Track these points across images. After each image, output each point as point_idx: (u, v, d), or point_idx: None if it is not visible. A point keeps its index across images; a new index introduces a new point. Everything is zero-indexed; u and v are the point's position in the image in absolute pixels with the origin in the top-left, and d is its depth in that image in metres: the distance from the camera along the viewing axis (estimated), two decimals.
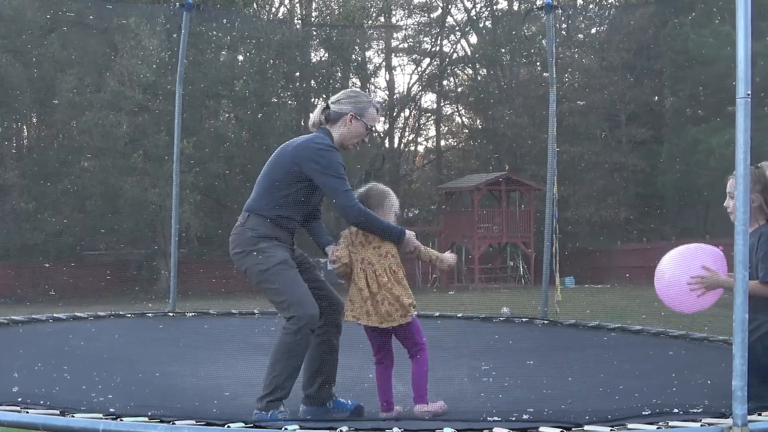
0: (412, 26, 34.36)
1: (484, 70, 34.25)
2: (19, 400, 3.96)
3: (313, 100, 30.05)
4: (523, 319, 8.35)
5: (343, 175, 4.13)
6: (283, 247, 4.24)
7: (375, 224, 4.16)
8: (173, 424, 3.58)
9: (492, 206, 28.24)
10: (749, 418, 3.36)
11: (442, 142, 36.89)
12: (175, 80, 9.65)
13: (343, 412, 4.37)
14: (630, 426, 3.52)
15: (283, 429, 3.57)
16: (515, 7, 33.39)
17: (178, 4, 9.50)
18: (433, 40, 33.91)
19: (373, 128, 4.44)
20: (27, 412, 3.75)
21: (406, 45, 34.93)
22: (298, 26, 29.86)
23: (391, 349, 4.31)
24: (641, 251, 26.19)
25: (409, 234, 4.23)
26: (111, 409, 3.83)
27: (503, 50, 32.55)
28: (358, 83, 31.65)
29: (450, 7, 34.52)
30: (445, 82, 35.28)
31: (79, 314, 8.31)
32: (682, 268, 4.08)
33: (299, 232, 4.43)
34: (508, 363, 5.71)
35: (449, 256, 4.29)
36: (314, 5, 32.27)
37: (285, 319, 4.11)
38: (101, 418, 3.64)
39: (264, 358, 4.23)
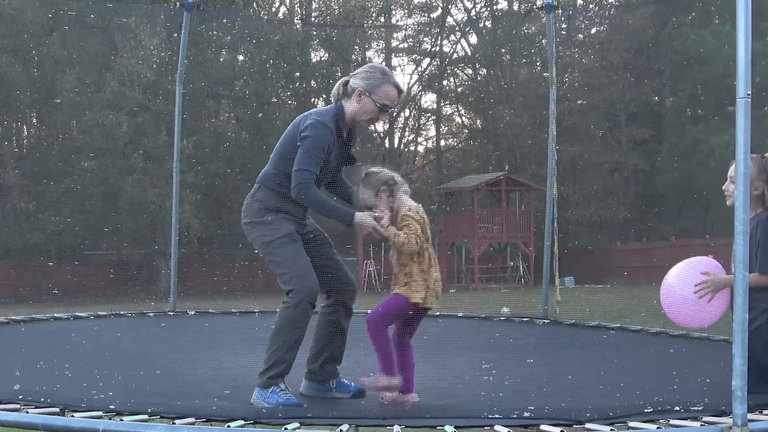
0: (412, 26, 34.41)
1: (484, 70, 34.26)
2: (20, 397, 3.97)
3: (313, 100, 30.09)
4: (524, 319, 8.35)
5: (313, 154, 4.09)
6: (291, 219, 4.24)
7: (319, 206, 4.14)
8: (173, 423, 3.58)
9: (492, 206, 28.24)
10: (749, 417, 3.37)
11: (442, 142, 36.93)
12: (175, 80, 9.66)
13: (345, 394, 4.41)
14: (631, 424, 3.52)
15: (283, 429, 3.58)
16: (515, 7, 33.42)
17: (178, 4, 9.51)
18: (433, 40, 33.92)
19: (388, 107, 4.30)
20: (27, 412, 3.75)
21: (406, 45, 34.96)
22: (298, 26, 29.89)
23: None
24: (641, 251, 26.22)
25: (360, 216, 4.13)
26: (111, 407, 3.83)
27: (503, 50, 32.57)
28: None
29: (450, 7, 34.53)
30: (445, 82, 35.29)
31: (80, 314, 8.31)
32: (686, 285, 4.08)
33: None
34: (508, 361, 5.72)
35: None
36: (314, 5, 32.32)
37: (285, 293, 4.14)
38: (101, 417, 3.64)
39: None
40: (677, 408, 3.76)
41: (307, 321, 4.14)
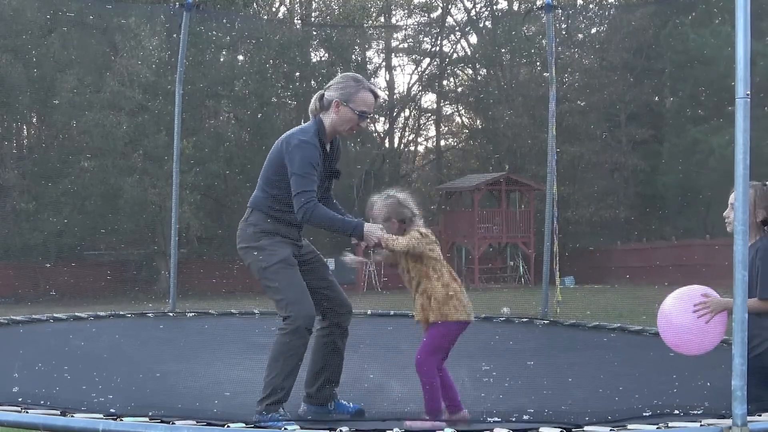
0: (412, 26, 34.40)
1: (484, 70, 34.24)
2: (20, 400, 3.96)
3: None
4: (524, 319, 8.34)
5: (306, 174, 4.05)
6: (286, 243, 4.21)
7: (326, 224, 4.08)
8: (173, 424, 3.58)
9: (492, 206, 28.23)
10: (749, 418, 3.36)
11: (442, 142, 36.91)
12: (175, 80, 9.65)
13: (344, 415, 4.35)
14: (630, 427, 3.52)
15: (282, 429, 3.57)
16: (515, 7, 33.39)
17: (178, 4, 9.51)
18: (433, 40, 33.92)
19: (367, 113, 4.25)
20: (27, 413, 3.75)
21: (406, 45, 34.95)
22: (298, 26, 29.87)
23: None
24: (641, 251, 26.21)
25: (369, 228, 4.06)
26: (111, 410, 3.83)
27: (503, 50, 32.54)
28: None
29: (450, 7, 34.53)
30: (445, 82, 35.28)
31: (79, 314, 8.31)
32: (683, 312, 4.06)
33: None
34: (508, 363, 5.71)
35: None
36: (314, 5, 32.29)
37: (281, 319, 4.11)
38: (101, 419, 3.64)
39: (264, 357, 4.23)
40: (677, 411, 3.76)
41: (304, 347, 4.09)
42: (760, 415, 3.62)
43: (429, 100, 36.20)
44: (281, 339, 4.06)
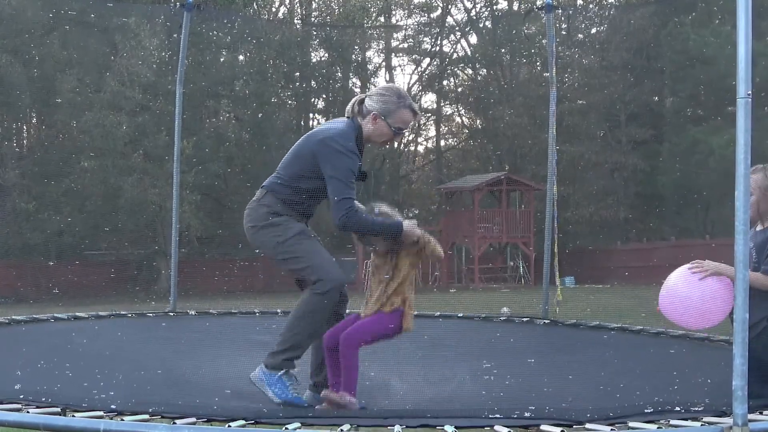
0: (412, 26, 34.43)
1: (484, 70, 34.26)
2: (21, 397, 3.97)
3: (313, 100, 30.10)
4: (524, 319, 8.35)
5: (349, 182, 4.04)
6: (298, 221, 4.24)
7: (368, 228, 4.08)
8: (174, 423, 3.58)
9: (492, 206, 28.26)
10: (750, 417, 3.37)
11: (442, 142, 36.94)
12: (175, 80, 9.66)
13: None
14: (631, 424, 3.52)
15: (284, 429, 3.58)
16: (515, 7, 33.42)
17: (178, 4, 9.53)
18: (433, 40, 33.94)
19: (403, 129, 4.24)
20: (28, 412, 3.75)
21: (406, 45, 34.98)
22: (298, 26, 29.90)
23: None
24: (641, 251, 26.22)
25: (409, 225, 4.10)
26: (112, 406, 3.83)
27: (503, 50, 32.57)
28: (358, 83, 31.69)
29: (450, 7, 34.56)
30: (445, 82, 35.30)
31: (80, 314, 8.31)
32: (691, 286, 4.06)
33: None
34: (509, 362, 5.71)
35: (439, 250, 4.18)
36: (314, 5, 32.32)
37: (312, 283, 4.09)
38: (102, 417, 3.64)
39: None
40: (678, 408, 3.77)
41: (330, 311, 4.12)
42: (761, 413, 3.63)
43: (429, 100, 36.27)
44: (312, 298, 4.06)
